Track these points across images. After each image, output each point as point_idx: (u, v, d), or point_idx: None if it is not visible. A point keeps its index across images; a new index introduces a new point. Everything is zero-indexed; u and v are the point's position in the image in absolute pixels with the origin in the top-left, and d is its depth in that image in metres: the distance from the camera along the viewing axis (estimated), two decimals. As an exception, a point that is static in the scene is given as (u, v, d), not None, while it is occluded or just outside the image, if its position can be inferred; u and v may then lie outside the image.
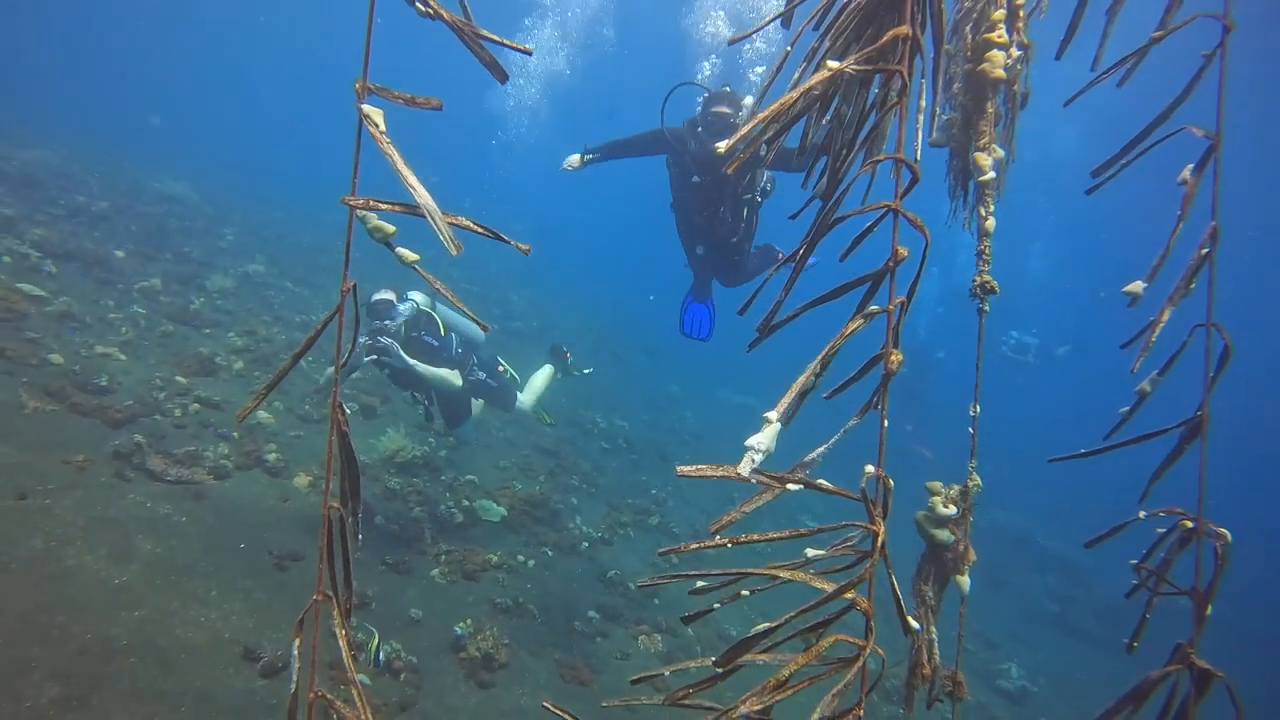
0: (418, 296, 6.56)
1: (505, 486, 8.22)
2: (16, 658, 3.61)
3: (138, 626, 4.14)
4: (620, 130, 6.27)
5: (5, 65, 26.29)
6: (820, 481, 1.61)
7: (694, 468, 1.42)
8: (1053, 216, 27.50)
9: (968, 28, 2.20)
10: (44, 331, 6.92)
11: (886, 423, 1.64)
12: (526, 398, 7.90)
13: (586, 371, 8.94)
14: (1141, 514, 2.13)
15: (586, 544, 7.86)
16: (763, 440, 1.65)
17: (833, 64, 1.49)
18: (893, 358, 1.66)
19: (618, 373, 16.27)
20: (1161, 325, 2.09)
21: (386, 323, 6.05)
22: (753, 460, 1.64)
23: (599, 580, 7.32)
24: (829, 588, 1.48)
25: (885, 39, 1.58)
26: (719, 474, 1.48)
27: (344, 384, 6.28)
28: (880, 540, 1.54)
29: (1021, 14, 2.18)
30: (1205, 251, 2.01)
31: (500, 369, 7.47)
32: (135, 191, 13.84)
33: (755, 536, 1.55)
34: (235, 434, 6.66)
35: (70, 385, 6.16)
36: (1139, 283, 2.15)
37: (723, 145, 1.53)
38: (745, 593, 1.60)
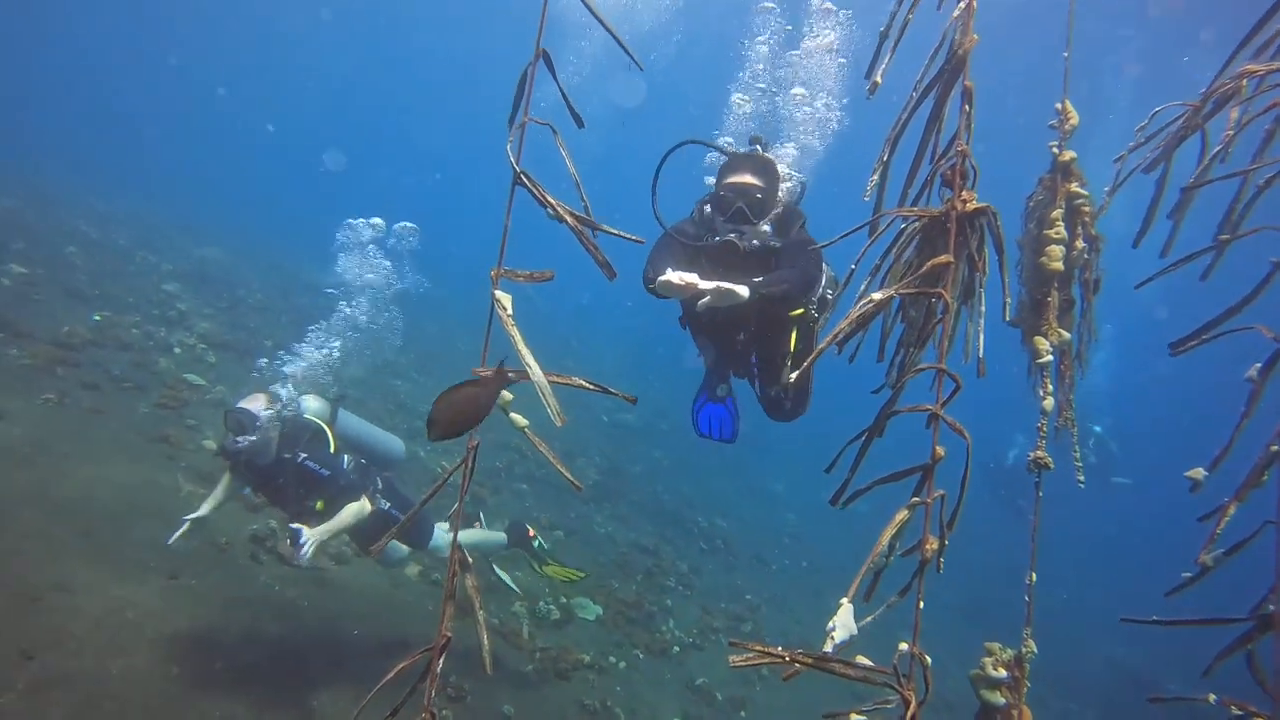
0: (312, 403, 5.16)
1: (603, 585, 8.39)
2: (157, 731, 4.05)
3: (256, 709, 4.54)
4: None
5: (190, 163, 29.79)
6: (859, 658, 1.77)
7: (744, 658, 1.61)
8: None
9: (1032, 224, 2.38)
10: (201, 418, 7.78)
11: (922, 604, 1.79)
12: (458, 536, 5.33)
13: (552, 567, 6.64)
14: (1211, 697, 2.15)
15: (678, 648, 7.88)
16: (842, 622, 1.84)
17: (876, 295, 1.71)
18: (928, 545, 1.82)
19: (723, 469, 16.30)
20: (1227, 519, 2.14)
21: (239, 441, 4.55)
22: (833, 640, 1.82)
23: (687, 687, 7.31)
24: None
25: (926, 267, 1.79)
26: (768, 660, 1.67)
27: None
28: (910, 713, 1.67)
29: (1085, 211, 2.35)
30: (1275, 449, 2.06)
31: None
32: (290, 284, 15.34)
33: None
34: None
35: (219, 470, 6.87)
36: (1200, 470, 2.21)
37: (793, 377, 1.73)
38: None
